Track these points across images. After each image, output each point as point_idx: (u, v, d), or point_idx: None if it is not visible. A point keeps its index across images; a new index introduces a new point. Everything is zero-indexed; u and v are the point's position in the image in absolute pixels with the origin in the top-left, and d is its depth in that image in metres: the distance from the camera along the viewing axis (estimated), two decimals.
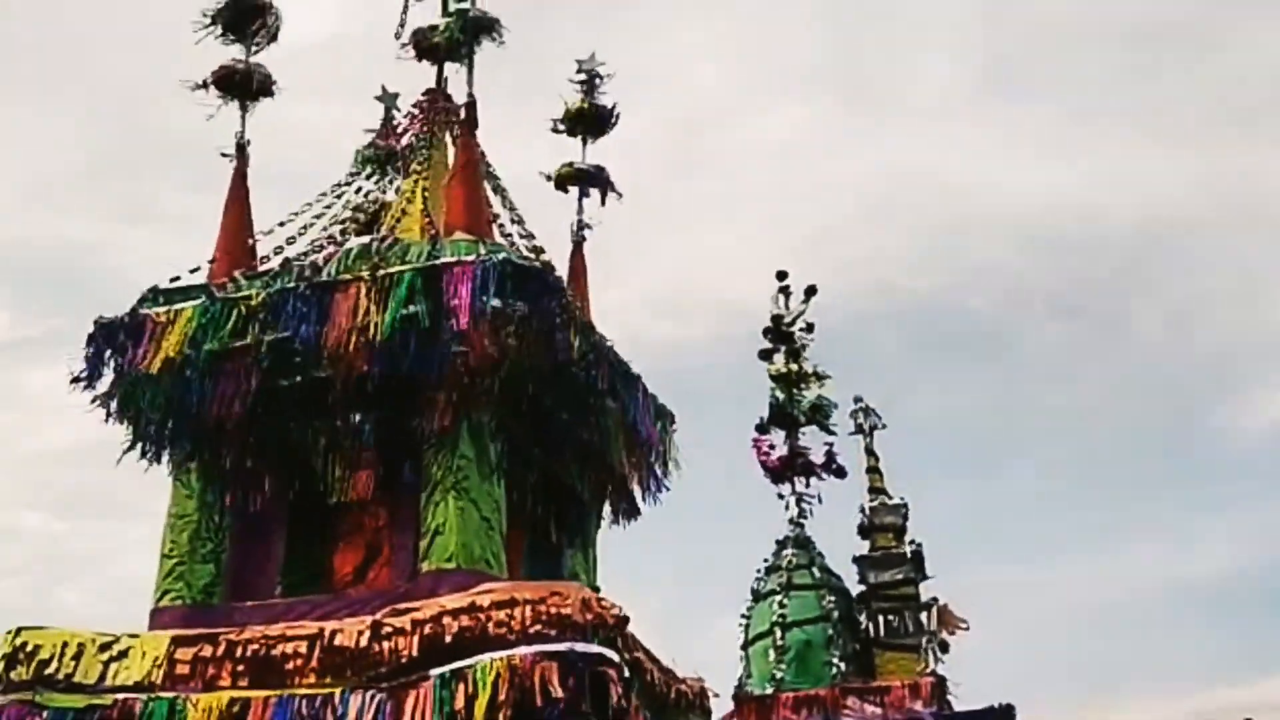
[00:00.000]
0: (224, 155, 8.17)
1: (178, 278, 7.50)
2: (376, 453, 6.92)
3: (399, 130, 8.79)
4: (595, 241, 8.94)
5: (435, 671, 5.60)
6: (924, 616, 15.14)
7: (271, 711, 5.74)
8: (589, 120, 9.11)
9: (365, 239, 7.45)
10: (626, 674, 5.71)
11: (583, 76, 9.09)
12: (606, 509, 8.27)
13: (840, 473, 11.03)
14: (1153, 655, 31.38)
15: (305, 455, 6.97)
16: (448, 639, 5.70)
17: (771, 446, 11.07)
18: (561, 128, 9.21)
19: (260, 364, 6.82)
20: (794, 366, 11.23)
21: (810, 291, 11.18)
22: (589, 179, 9.05)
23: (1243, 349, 35.95)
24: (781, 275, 11.59)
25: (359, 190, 8.58)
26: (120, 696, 6.04)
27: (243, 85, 8.19)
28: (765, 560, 11.19)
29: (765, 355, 11.35)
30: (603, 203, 9.06)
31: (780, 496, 11.06)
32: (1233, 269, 36.08)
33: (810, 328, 11.46)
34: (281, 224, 8.07)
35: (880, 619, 15.17)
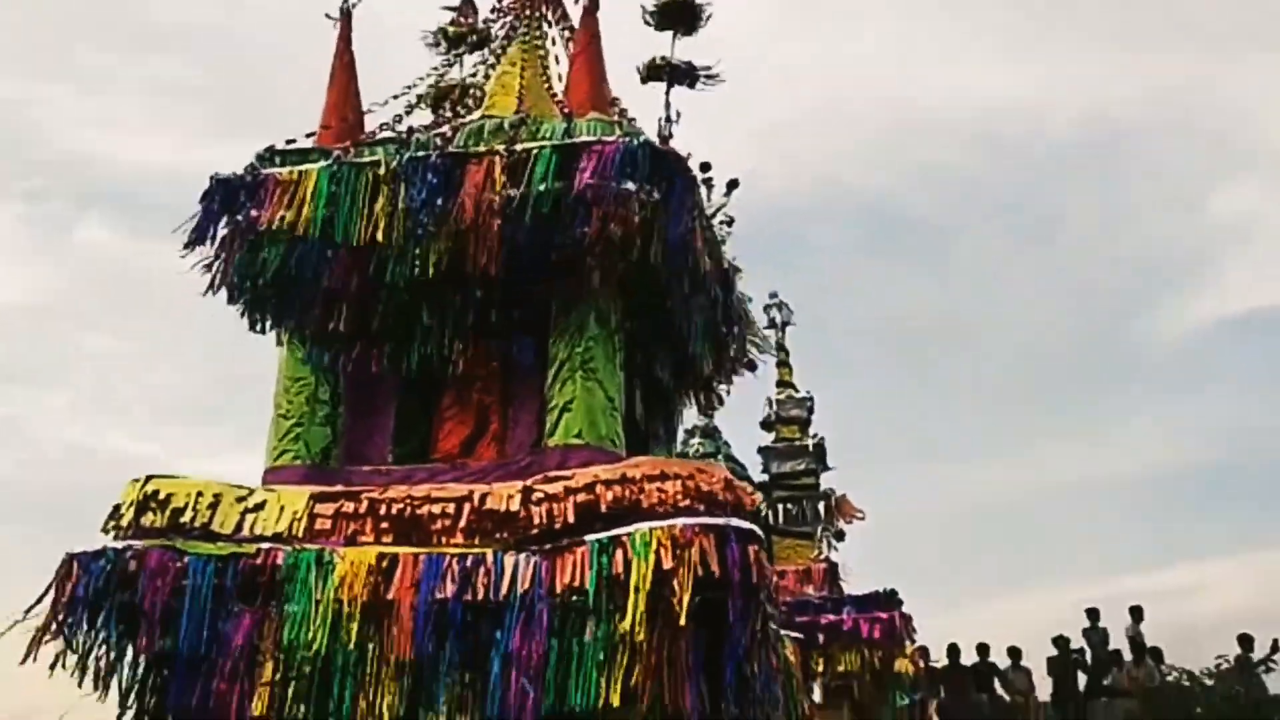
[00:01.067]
0: (329, 17, 8.04)
1: (293, 141, 7.43)
2: (497, 328, 6.97)
3: (491, 9, 8.71)
4: None
5: (591, 537, 5.75)
6: (821, 506, 15.94)
7: (422, 567, 5.84)
8: (680, 14, 9.04)
9: (497, 115, 7.38)
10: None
11: None
12: (689, 400, 8.44)
13: (750, 366, 11.21)
14: (1059, 548, 32.89)
15: (423, 327, 6.97)
16: (602, 507, 5.86)
17: None
18: (651, 21, 9.16)
19: (388, 232, 6.78)
20: None
21: (732, 185, 11.10)
22: (679, 74, 9.03)
23: (1171, 255, 37.08)
24: (705, 167, 11.46)
25: (443, 68, 8.52)
26: (263, 546, 6.11)
27: None
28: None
29: None
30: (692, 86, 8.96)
31: None
32: (1168, 177, 36.98)
33: (731, 222, 11.40)
34: (385, 102, 7.99)
35: (780, 507, 15.95)
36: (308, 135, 7.61)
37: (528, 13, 8.58)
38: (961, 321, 36.55)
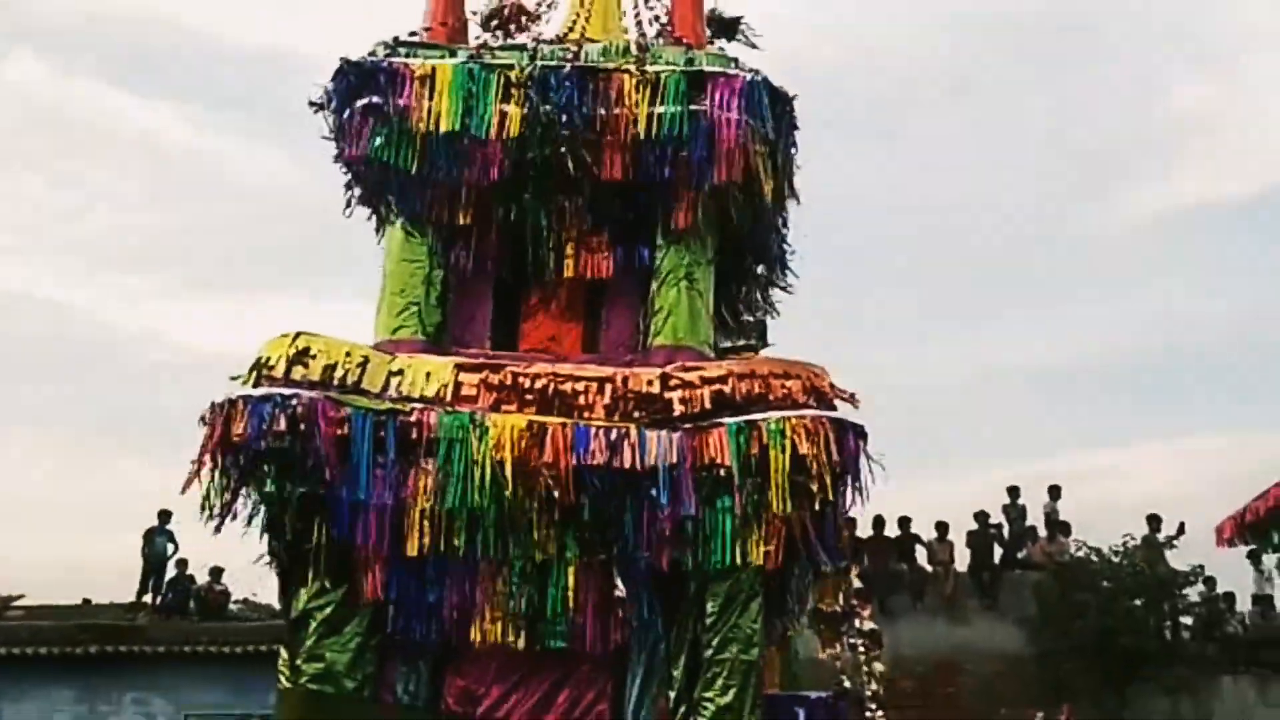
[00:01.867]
0: None
1: (414, 34, 7.81)
2: (605, 234, 7.58)
3: None
4: None
5: (729, 420, 6.52)
6: None
7: (571, 436, 6.46)
8: None
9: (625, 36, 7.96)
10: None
11: None
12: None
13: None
14: (995, 431, 34.65)
15: (535, 227, 7.50)
16: (737, 397, 6.62)
17: None
18: None
19: (520, 133, 7.28)
20: None
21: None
22: (728, 28, 9.71)
23: (1119, 146, 39.22)
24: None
25: None
26: (418, 407, 6.59)
27: None
28: None
29: None
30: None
31: None
32: (1124, 66, 38.91)
33: None
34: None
35: None
36: (411, 34, 7.98)
37: None
38: (907, 202, 37.49)
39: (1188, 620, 17.39)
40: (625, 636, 6.62)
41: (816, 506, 6.44)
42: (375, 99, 7.33)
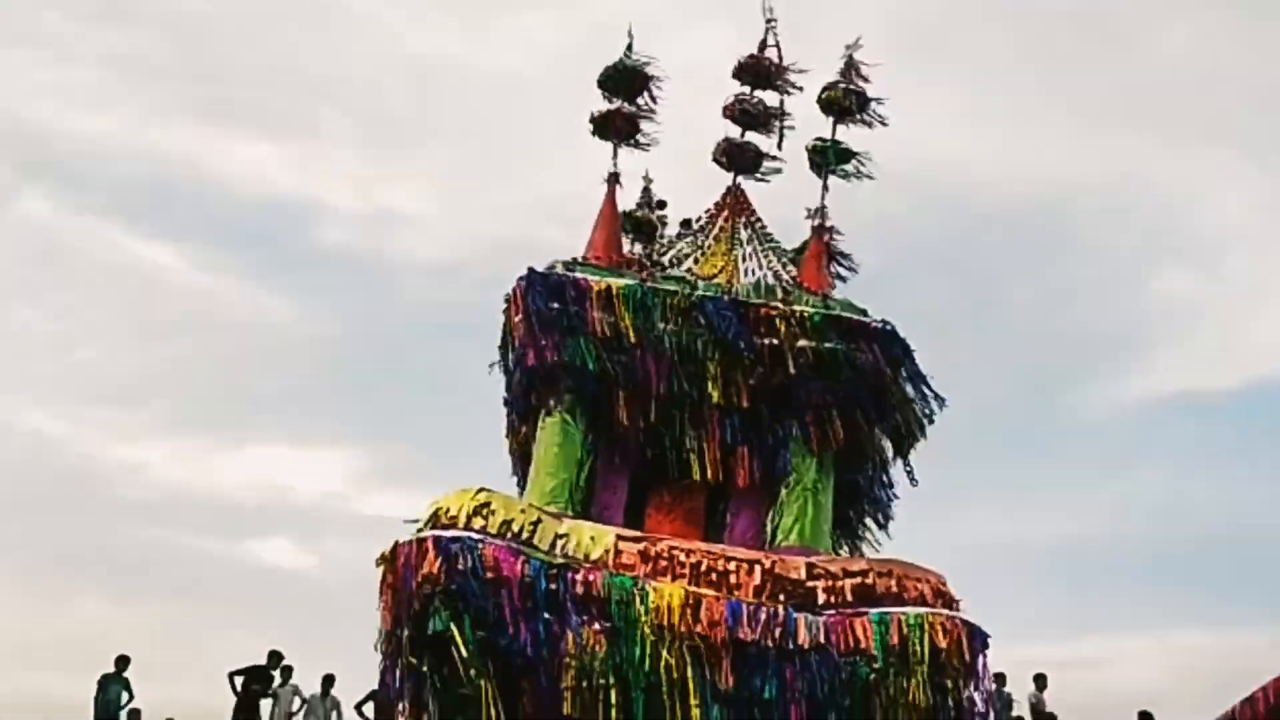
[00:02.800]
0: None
1: (578, 260, 8.84)
2: (743, 447, 8.33)
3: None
4: None
5: (873, 611, 7.09)
6: None
7: (725, 610, 6.98)
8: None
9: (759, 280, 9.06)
10: None
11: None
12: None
13: None
14: (972, 612, 33.13)
15: (677, 434, 8.29)
16: (877, 591, 7.23)
17: None
18: None
19: (678, 351, 8.24)
20: None
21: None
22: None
23: (1100, 335, 39.56)
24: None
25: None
26: (586, 566, 7.11)
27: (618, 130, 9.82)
28: None
29: None
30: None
31: None
32: (1105, 257, 39.73)
33: None
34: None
35: None
36: (575, 260, 8.99)
37: (727, 215, 10.36)
38: None
39: None
40: None
41: (949, 700, 6.92)
42: (561, 306, 8.27)
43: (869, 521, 9.44)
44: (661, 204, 10.88)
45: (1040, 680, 18.64)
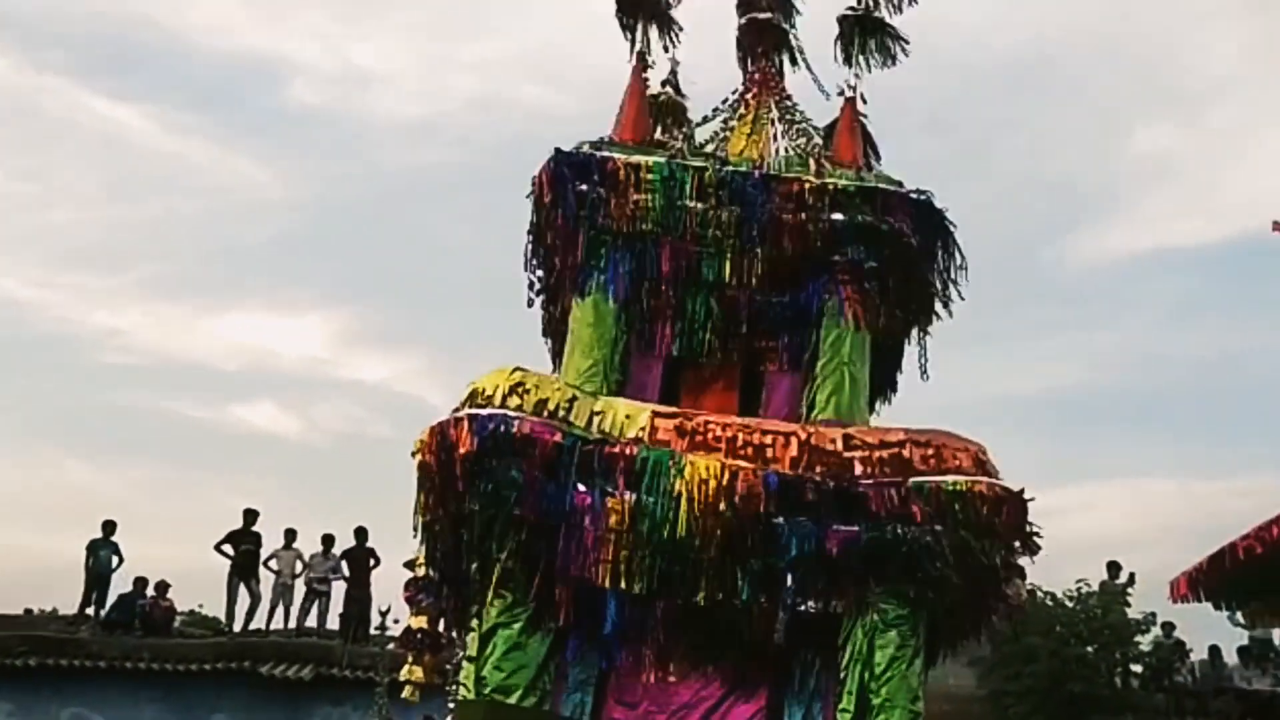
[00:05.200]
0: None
1: (604, 139, 8.66)
2: (774, 324, 8.28)
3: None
4: None
5: (912, 480, 7.06)
6: None
7: (762, 481, 6.96)
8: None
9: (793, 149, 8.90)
10: None
11: None
12: None
13: None
14: None
15: (709, 312, 8.23)
16: (915, 462, 7.18)
17: None
18: None
19: (709, 229, 8.11)
20: None
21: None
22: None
23: (1085, 184, 39.47)
24: None
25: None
26: (622, 441, 7.12)
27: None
28: None
29: None
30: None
31: None
32: (1089, 104, 39.34)
33: None
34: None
35: None
36: (603, 140, 8.80)
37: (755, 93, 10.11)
38: None
39: (1138, 668, 17.40)
40: (783, 678, 7.11)
41: (989, 567, 6.92)
42: (589, 187, 8.14)
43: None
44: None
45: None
